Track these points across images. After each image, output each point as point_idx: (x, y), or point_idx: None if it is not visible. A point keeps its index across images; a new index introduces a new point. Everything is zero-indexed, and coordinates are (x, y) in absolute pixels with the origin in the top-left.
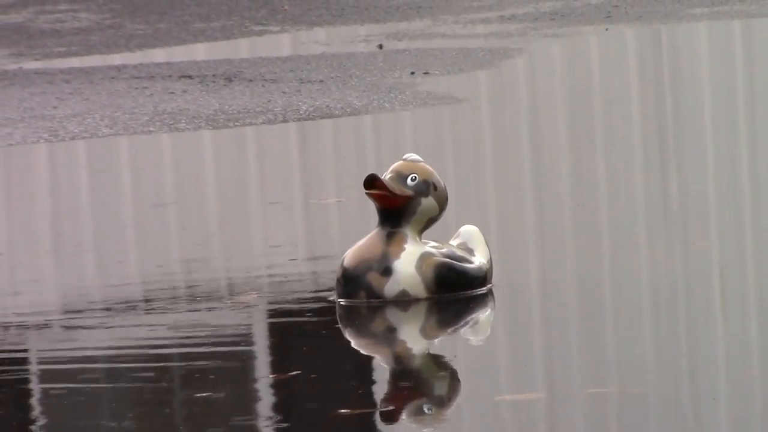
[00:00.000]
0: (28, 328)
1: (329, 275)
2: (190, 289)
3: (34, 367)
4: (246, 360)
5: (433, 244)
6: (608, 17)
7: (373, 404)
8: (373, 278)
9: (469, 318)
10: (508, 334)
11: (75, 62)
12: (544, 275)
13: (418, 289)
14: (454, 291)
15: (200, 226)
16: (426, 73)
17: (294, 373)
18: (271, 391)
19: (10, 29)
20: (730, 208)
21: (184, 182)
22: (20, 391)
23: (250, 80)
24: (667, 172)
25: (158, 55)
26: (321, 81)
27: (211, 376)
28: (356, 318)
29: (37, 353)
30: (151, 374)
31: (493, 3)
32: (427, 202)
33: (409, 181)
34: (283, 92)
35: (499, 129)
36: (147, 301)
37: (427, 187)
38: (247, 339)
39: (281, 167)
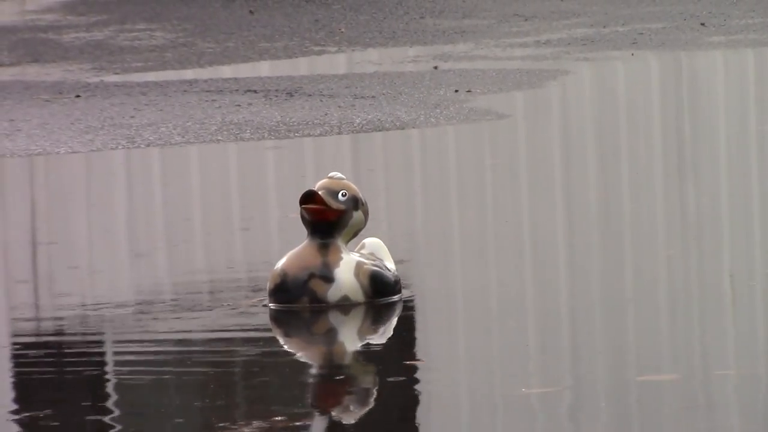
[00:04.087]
0: (104, 317)
1: None
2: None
3: (109, 352)
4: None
5: (358, 254)
6: (634, 43)
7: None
8: (316, 285)
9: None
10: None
11: (151, 76)
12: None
13: (357, 294)
14: (384, 296)
15: (258, 227)
16: (469, 91)
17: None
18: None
19: (93, 46)
20: (741, 218)
21: (247, 186)
22: (97, 374)
23: (310, 95)
24: (685, 183)
25: (226, 71)
26: (373, 97)
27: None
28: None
29: (112, 339)
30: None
31: (530, 29)
32: (357, 216)
33: (340, 196)
34: (339, 106)
35: (535, 142)
36: (210, 294)
37: (355, 202)
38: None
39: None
